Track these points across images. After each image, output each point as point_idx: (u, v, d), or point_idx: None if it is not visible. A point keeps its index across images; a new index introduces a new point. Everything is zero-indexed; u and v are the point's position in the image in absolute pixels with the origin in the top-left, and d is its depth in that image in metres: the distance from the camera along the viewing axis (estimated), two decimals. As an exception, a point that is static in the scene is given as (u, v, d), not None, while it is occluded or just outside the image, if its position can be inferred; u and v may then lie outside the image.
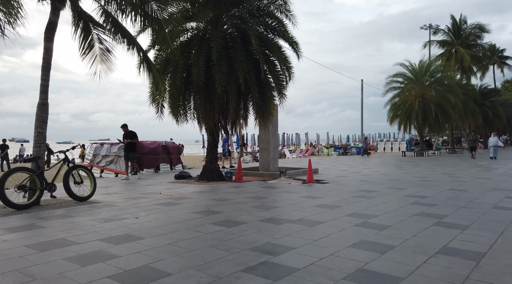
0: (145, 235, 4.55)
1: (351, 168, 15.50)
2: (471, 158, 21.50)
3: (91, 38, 8.35)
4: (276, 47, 10.79)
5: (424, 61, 27.34)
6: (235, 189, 8.98)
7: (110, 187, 9.77)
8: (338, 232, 4.79)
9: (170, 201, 7.24)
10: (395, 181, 10.64)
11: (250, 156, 25.89)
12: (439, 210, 6.30)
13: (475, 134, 24.27)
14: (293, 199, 7.51)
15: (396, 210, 6.28)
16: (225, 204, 6.89)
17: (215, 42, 9.34)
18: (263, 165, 13.10)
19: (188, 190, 8.83)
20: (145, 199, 7.51)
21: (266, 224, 5.25)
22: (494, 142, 21.23)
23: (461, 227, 5.09)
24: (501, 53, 44.31)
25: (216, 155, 11.25)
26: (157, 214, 5.88)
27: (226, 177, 10.97)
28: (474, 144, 22.96)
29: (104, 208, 6.49)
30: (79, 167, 7.43)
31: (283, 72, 10.97)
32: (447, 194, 8.05)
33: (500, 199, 7.39)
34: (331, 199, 7.39)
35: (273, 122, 13.02)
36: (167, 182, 10.74)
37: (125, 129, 11.80)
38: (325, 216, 5.76)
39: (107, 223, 5.23)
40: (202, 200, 7.33)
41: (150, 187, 9.49)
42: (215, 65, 9.47)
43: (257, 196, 7.90)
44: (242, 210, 6.28)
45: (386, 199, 7.43)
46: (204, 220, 5.44)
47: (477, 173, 12.72)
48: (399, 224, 5.26)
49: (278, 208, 6.50)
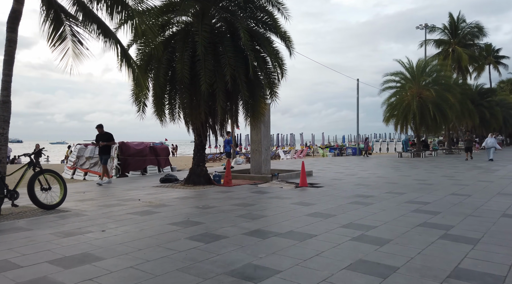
0: (106, 255, 3.88)
1: (346, 169, 14.90)
2: (465, 160, 20.30)
3: (63, 30, 7.66)
4: (267, 42, 10.14)
5: (421, 60, 26.85)
6: (222, 195, 8.32)
7: (88, 191, 9.07)
8: (332, 249, 4.15)
9: (148, 209, 6.56)
10: (393, 184, 10.04)
11: (243, 157, 25.22)
12: (444, 219, 5.68)
13: (470, 134, 23.27)
14: (283, 206, 6.86)
15: (397, 220, 5.66)
16: (208, 212, 6.22)
17: (200, 35, 8.67)
18: (255, 167, 12.45)
19: (171, 196, 8.16)
20: (121, 206, 6.82)
21: (250, 238, 4.60)
22: (492, 143, 20.31)
23: (471, 241, 4.47)
24: (497, 53, 44.06)
25: (203, 157, 10.58)
26: (128, 226, 5.21)
27: (214, 180, 10.30)
28: (470, 145, 21.58)
29: (71, 218, 5.80)
30: (47, 171, 6.72)
31: (274, 69, 10.34)
32: (450, 200, 7.45)
33: (508, 206, 6.80)
34: (325, 206, 6.76)
35: (265, 122, 12.38)
36: (151, 186, 10.06)
37: (100, 130, 10.86)
38: (318, 227, 5.12)
39: (66, 239, 4.54)
40: (183, 208, 6.66)
41: (131, 192, 8.80)
42: (201, 61, 8.81)
43: (244, 202, 7.24)
44: (225, 220, 5.63)
45: (385, 206, 6.81)
46: (179, 234, 4.78)
47: (477, 175, 12.16)
48: (401, 238, 4.63)
49: (266, 217, 5.85)
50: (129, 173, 14.11)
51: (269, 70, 10.33)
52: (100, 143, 10.65)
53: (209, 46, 9.15)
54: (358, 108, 29.86)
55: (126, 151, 14.28)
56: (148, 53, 9.45)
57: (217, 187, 9.65)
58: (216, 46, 9.42)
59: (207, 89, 8.86)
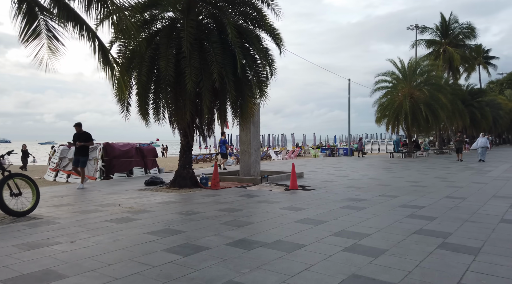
0: (69, 272, 3.46)
1: (338, 171, 14.60)
2: (456, 161, 20.01)
3: (38, 24, 7.17)
4: (256, 39, 9.76)
5: (412, 59, 26.76)
6: (208, 198, 7.91)
7: (68, 195, 8.58)
8: (322, 261, 3.79)
9: (127, 215, 6.13)
10: (386, 186, 9.75)
11: (234, 158, 24.80)
12: (440, 225, 5.37)
13: (461, 135, 22.98)
14: (272, 211, 6.49)
15: (391, 226, 5.33)
16: (191, 219, 5.82)
17: (185, 31, 8.25)
18: (244, 169, 12.06)
19: (154, 200, 7.73)
20: (99, 213, 6.37)
21: (234, 249, 4.21)
22: (483, 143, 20.15)
23: (471, 251, 4.16)
24: (487, 53, 44.38)
25: (190, 158, 10.14)
26: (102, 236, 4.78)
27: (201, 183, 9.89)
28: (460, 145, 21.15)
29: (41, 226, 5.34)
30: (17, 176, 6.24)
31: (264, 67, 9.96)
32: (445, 203, 7.17)
33: (505, 210, 6.53)
34: (316, 211, 6.41)
35: (255, 122, 12.01)
36: (135, 189, 9.60)
37: (78, 128, 9.97)
38: (308, 236, 4.76)
39: (29, 252, 4.10)
40: (165, 214, 6.24)
41: (112, 196, 8.34)
42: (186, 58, 8.39)
43: (231, 207, 6.85)
44: (209, 228, 5.23)
45: (378, 210, 6.49)
46: (157, 245, 4.37)
47: (470, 177, 11.96)
48: (397, 247, 4.30)
49: (252, 224, 5.47)
50: (114, 175, 13.61)
51: (258, 68, 9.95)
52: (77, 143, 9.85)
53: (195, 43, 8.74)
54: (349, 108, 29.69)
55: (111, 152, 13.78)
56: (131, 51, 9.00)
57: (204, 190, 9.24)
58: (203, 43, 9.01)
59: (193, 88, 8.45)
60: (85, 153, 10.03)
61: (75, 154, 10.08)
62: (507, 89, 54.61)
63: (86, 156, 10.13)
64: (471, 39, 32.97)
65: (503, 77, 58.30)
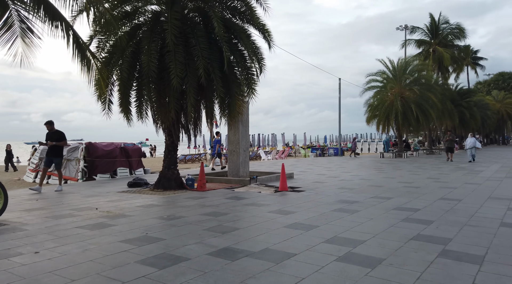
0: (24, 290, 3.01)
1: (329, 171, 14.29)
2: (447, 161, 19.41)
3: (9, 15, 6.65)
4: (245, 35, 9.35)
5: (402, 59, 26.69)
6: (193, 201, 7.48)
7: (43, 199, 8.05)
8: (314, 274, 3.41)
9: (103, 221, 5.66)
10: (378, 187, 9.44)
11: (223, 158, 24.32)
12: (439, 230, 5.05)
13: (451, 134, 22.54)
14: (260, 215, 6.10)
15: (387, 231, 4.99)
16: (172, 225, 5.39)
17: (170, 23, 7.81)
18: (232, 170, 11.65)
19: (135, 203, 7.26)
20: (73, 218, 5.89)
21: (216, 260, 3.81)
22: (472, 143, 19.55)
23: (475, 259, 3.83)
24: (475, 54, 44.77)
25: (175, 159, 9.69)
26: (70, 245, 4.32)
27: (187, 184, 9.44)
28: (451, 145, 20.55)
29: (5, 234, 4.85)
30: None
31: (252, 64, 9.56)
32: (441, 205, 6.87)
33: (503, 212, 6.26)
34: (306, 215, 6.03)
35: (243, 121, 11.61)
36: (117, 191, 9.11)
37: (50, 127, 9.18)
38: (298, 243, 4.38)
39: (-17, 265, 3.63)
40: (145, 219, 5.80)
41: (91, 199, 7.84)
42: (171, 52, 7.95)
43: (216, 211, 6.44)
44: (190, 234, 4.81)
45: (372, 214, 6.15)
46: (130, 255, 3.93)
47: (463, 177, 11.75)
48: (395, 256, 3.94)
49: (238, 230, 5.07)
50: (97, 176, 13.07)
51: (247, 65, 9.54)
52: (49, 143, 9.08)
53: (181, 36, 8.30)
54: (340, 107, 29.49)
55: (93, 152, 13.23)
56: (112, 45, 8.51)
57: (190, 192, 8.80)
58: (188, 37, 8.56)
59: (178, 84, 8.01)
60: (59, 153, 9.31)
61: (47, 154, 9.32)
62: (494, 90, 55.27)
63: (60, 156, 9.41)
64: (460, 40, 33.15)
65: (490, 78, 59.04)
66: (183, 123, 9.68)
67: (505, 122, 53.99)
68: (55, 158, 9.24)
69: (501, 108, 49.44)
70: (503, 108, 49.79)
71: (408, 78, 25.73)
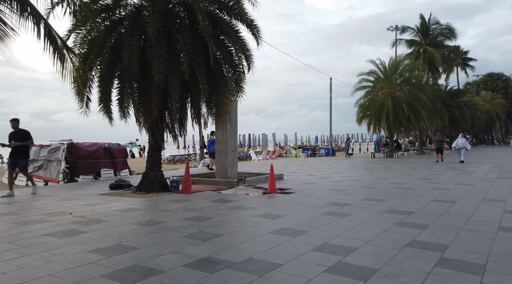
0: (-37, 314, 2.59)
1: (319, 172, 13.99)
2: (436, 162, 18.94)
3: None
4: (232, 31, 8.97)
5: (393, 59, 26.60)
6: (176, 205, 7.08)
7: (16, 202, 7.56)
8: (300, 289, 3.05)
9: (75, 227, 5.23)
10: (370, 189, 9.15)
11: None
12: (434, 235, 4.74)
13: (441, 134, 22.25)
14: (246, 219, 5.73)
15: (380, 237, 4.66)
16: (150, 231, 4.98)
17: (151, 16, 7.39)
18: (220, 171, 11.26)
19: (114, 207, 6.83)
20: (43, 224, 5.45)
21: (193, 272, 3.43)
22: (462, 144, 19.07)
23: (476, 269, 3.52)
24: (465, 55, 45.08)
25: (159, 160, 9.27)
26: (32, 256, 3.89)
27: (171, 186, 9.02)
28: (440, 145, 20.16)
29: (-38, 243, 4.39)
30: None
31: (240, 61, 9.19)
32: (435, 208, 6.59)
33: (499, 215, 5.99)
34: (295, 219, 5.69)
35: (231, 121, 11.23)
36: (97, 194, 8.65)
37: (15, 125, 8.40)
38: (284, 252, 4.02)
39: None
40: (121, 225, 5.38)
41: (68, 203, 7.38)
42: (153, 47, 7.54)
43: (200, 215, 6.05)
44: (168, 242, 4.42)
45: (364, 217, 5.83)
46: (98, 268, 3.53)
47: (455, 178, 11.55)
48: (389, 266, 3.61)
49: (221, 237, 4.69)
50: (80, 177, 12.54)
51: (234, 62, 9.16)
52: (12, 143, 8.32)
53: (164, 31, 7.89)
54: (331, 106, 29.29)
55: (75, 153, 12.69)
56: (90, 40, 8.05)
57: (174, 195, 8.39)
58: (172, 32, 8.15)
59: (161, 80, 7.60)
60: (24, 154, 8.58)
61: (11, 155, 8.54)
62: (483, 90, 55.82)
63: (26, 157, 8.68)
64: (451, 40, 33.27)
65: (479, 78, 59.62)
66: (168, 123, 9.27)
67: (494, 123, 54.59)
68: (20, 160, 8.51)
69: (490, 109, 49.94)
70: (492, 108, 50.30)
71: (399, 78, 25.64)
